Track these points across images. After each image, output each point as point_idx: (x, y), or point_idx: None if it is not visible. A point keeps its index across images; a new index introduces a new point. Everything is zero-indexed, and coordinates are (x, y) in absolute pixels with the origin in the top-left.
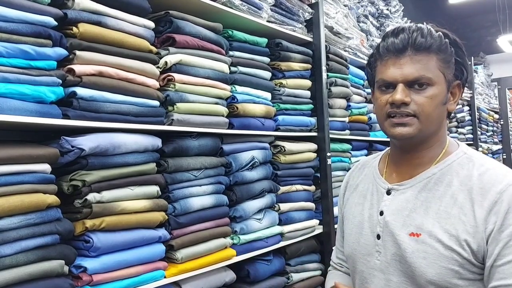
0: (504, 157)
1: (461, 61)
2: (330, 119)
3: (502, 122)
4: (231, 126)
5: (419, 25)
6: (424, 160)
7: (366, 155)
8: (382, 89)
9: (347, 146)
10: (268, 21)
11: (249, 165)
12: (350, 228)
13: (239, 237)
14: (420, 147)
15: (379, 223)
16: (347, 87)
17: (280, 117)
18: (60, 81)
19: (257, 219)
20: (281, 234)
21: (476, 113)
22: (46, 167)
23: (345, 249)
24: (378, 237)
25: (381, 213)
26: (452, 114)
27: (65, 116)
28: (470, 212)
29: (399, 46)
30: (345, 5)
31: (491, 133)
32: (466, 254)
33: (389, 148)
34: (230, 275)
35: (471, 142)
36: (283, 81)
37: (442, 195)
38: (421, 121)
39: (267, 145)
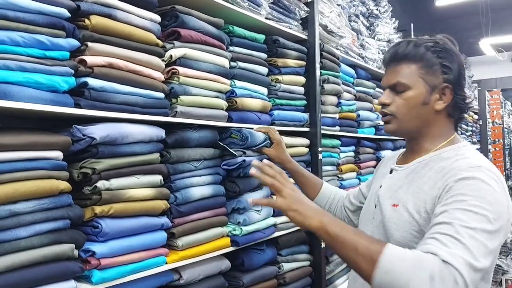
0: None
1: (449, 65)
2: (322, 115)
3: (480, 123)
4: (230, 119)
5: (410, 39)
6: (422, 149)
7: (354, 151)
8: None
9: (336, 142)
10: (266, 18)
11: (262, 144)
12: (366, 200)
13: (241, 228)
14: (415, 138)
15: (377, 195)
16: (338, 84)
17: (275, 112)
18: (73, 72)
19: (257, 210)
20: (275, 225)
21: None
22: (59, 154)
23: (360, 215)
24: (375, 206)
25: (380, 187)
26: None
27: (77, 105)
28: (436, 188)
29: (386, 59)
30: (338, 4)
31: (470, 133)
32: (423, 222)
33: None
34: (226, 263)
35: None
36: (279, 77)
37: (423, 176)
38: (398, 119)
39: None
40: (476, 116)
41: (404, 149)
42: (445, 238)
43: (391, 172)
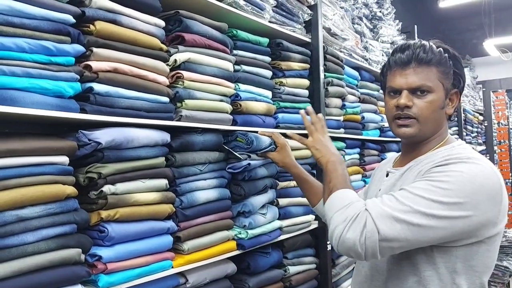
0: (488, 157)
1: (459, 72)
2: (326, 117)
3: (486, 124)
4: (234, 122)
5: (423, 42)
6: (419, 151)
7: (359, 153)
8: (390, 95)
9: (341, 144)
10: (269, 22)
11: (268, 149)
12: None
13: (247, 231)
14: (421, 143)
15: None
16: (342, 87)
17: (280, 115)
18: (78, 77)
19: (262, 213)
20: (280, 228)
21: (462, 115)
22: (65, 159)
23: None
24: None
25: (380, 190)
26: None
27: (83, 111)
28: (417, 172)
29: (404, 60)
30: (341, 7)
31: (476, 134)
32: None
33: None
34: (232, 267)
35: None
36: (283, 80)
37: (414, 172)
38: (420, 123)
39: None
40: (481, 117)
41: (400, 153)
42: (386, 196)
43: (387, 175)
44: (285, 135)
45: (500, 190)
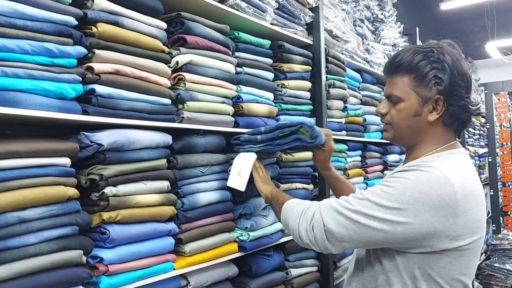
0: (490, 160)
1: (441, 76)
2: (328, 120)
3: (488, 126)
4: (236, 124)
5: (407, 48)
6: (414, 156)
7: (361, 155)
8: None
9: (343, 146)
10: (271, 24)
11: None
12: None
13: (248, 233)
14: (411, 146)
15: None
16: (344, 89)
17: (281, 117)
18: (80, 79)
19: (264, 215)
20: (282, 230)
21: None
22: (67, 161)
23: None
24: None
25: None
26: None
27: (85, 112)
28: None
29: (385, 69)
30: (343, 9)
31: (478, 136)
32: None
33: None
34: (233, 269)
35: None
36: (285, 82)
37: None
38: (394, 129)
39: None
40: (483, 120)
41: None
42: (344, 196)
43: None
44: None
45: (455, 203)
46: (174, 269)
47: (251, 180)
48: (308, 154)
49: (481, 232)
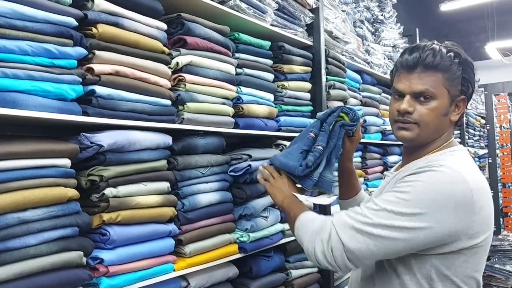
0: (490, 161)
1: (468, 78)
2: None
3: (488, 127)
4: (236, 125)
5: (433, 45)
6: (418, 155)
7: (361, 156)
8: (395, 97)
9: None
10: (271, 25)
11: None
12: None
13: (249, 234)
14: (420, 147)
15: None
16: (344, 90)
17: (282, 118)
18: (80, 80)
19: (264, 217)
20: (282, 231)
21: (464, 118)
22: (67, 162)
23: None
24: None
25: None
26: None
27: (85, 113)
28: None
29: (410, 63)
30: (343, 11)
31: (478, 137)
32: None
33: None
34: (234, 270)
35: None
36: (285, 83)
37: (400, 176)
38: (420, 128)
39: None
40: (483, 121)
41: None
42: (356, 208)
43: (383, 178)
44: (286, 138)
45: (471, 200)
46: (174, 270)
47: (251, 181)
48: None
49: (492, 227)
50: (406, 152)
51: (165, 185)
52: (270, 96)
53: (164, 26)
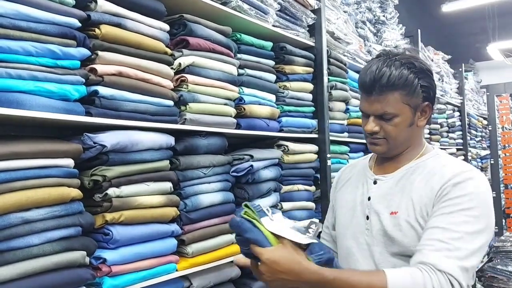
0: (492, 162)
1: (428, 85)
2: (330, 121)
3: (490, 128)
4: (238, 126)
5: (385, 65)
6: (403, 159)
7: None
8: (363, 115)
9: (345, 148)
10: (273, 26)
11: None
12: (343, 212)
13: None
14: (397, 155)
15: (368, 206)
16: (346, 90)
17: (283, 119)
18: (83, 80)
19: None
20: None
21: (466, 119)
22: (70, 162)
23: (337, 229)
24: (367, 218)
25: (369, 199)
26: (444, 120)
27: (88, 114)
28: (431, 191)
29: (366, 86)
30: (344, 11)
31: (480, 138)
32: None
33: None
34: (236, 270)
35: (461, 147)
36: (287, 84)
37: (414, 181)
38: (389, 142)
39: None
40: (485, 122)
41: (370, 158)
42: (438, 244)
43: (375, 182)
44: (288, 139)
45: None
46: (176, 270)
47: (253, 182)
48: (310, 156)
49: None
50: (382, 158)
51: (167, 185)
52: (272, 97)
53: (166, 27)
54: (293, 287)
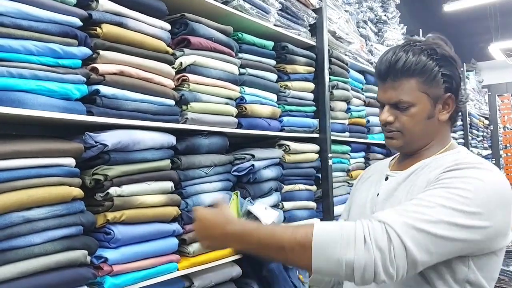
0: (493, 162)
1: (450, 74)
2: (331, 121)
3: (491, 128)
4: (239, 125)
5: (403, 49)
6: (422, 156)
7: (364, 157)
8: (380, 106)
9: (346, 147)
10: (274, 25)
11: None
12: (354, 209)
13: None
14: (418, 150)
15: (376, 202)
16: (347, 90)
17: (285, 118)
18: (85, 79)
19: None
20: None
21: (468, 119)
22: (72, 161)
23: None
24: (374, 213)
25: (378, 195)
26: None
27: (89, 113)
28: (427, 182)
29: (382, 73)
30: (346, 11)
31: (481, 138)
32: None
33: None
34: (237, 270)
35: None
36: (288, 83)
37: (419, 176)
38: (405, 135)
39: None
40: (486, 122)
41: (394, 156)
42: (401, 206)
43: (386, 179)
44: (289, 138)
45: None
46: (178, 270)
47: (255, 181)
48: (311, 156)
49: None
50: (403, 155)
51: (169, 184)
52: (273, 96)
53: (168, 26)
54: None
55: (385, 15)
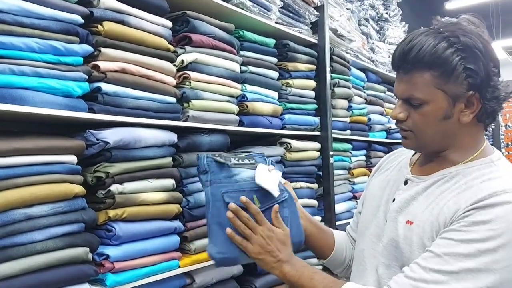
0: None
1: (475, 68)
2: (332, 119)
3: (493, 126)
4: (241, 123)
5: (421, 36)
6: (446, 162)
7: (365, 155)
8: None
9: (348, 145)
10: (276, 23)
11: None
12: (367, 208)
13: None
14: (437, 153)
15: (390, 209)
16: (349, 88)
17: (286, 116)
18: (86, 77)
19: None
20: None
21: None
22: (73, 159)
23: (359, 226)
24: (386, 222)
25: (393, 200)
26: None
27: (91, 110)
28: (456, 210)
29: (394, 63)
30: (347, 9)
31: None
32: None
33: None
34: (238, 267)
35: None
36: (290, 81)
37: (444, 191)
38: (417, 136)
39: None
40: None
41: (416, 154)
42: (415, 266)
43: (405, 183)
44: (291, 136)
45: None
46: (179, 267)
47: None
48: (312, 154)
49: None
50: (428, 155)
51: (170, 182)
52: (275, 94)
53: (169, 23)
54: (267, 269)
55: (386, 13)
